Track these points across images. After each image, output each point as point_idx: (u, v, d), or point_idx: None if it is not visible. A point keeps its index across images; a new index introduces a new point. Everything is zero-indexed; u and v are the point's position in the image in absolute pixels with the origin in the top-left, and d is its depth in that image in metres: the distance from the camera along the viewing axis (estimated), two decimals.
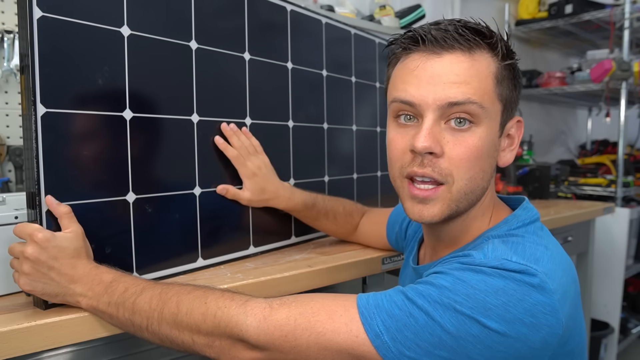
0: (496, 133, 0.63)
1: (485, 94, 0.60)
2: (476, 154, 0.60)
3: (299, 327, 0.55)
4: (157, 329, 0.61)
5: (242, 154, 0.91)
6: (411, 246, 0.82)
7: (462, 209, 0.63)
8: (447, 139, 0.60)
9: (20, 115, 0.68)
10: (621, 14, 2.29)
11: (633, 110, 3.03)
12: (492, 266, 0.54)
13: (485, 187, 0.64)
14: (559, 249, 0.62)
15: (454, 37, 0.59)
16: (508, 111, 0.64)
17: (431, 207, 0.61)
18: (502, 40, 0.62)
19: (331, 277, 0.91)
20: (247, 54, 0.95)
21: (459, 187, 0.60)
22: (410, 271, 0.77)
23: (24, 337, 0.60)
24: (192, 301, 0.60)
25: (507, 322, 0.51)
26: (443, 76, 0.59)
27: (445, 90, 0.59)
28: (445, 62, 0.59)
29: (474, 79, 0.59)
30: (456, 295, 0.52)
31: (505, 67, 0.62)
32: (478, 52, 0.60)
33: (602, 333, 2.19)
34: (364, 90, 1.28)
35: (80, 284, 0.64)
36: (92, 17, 0.70)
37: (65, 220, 0.66)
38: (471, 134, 0.60)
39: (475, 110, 0.59)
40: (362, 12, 1.92)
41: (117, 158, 0.74)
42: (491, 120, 0.61)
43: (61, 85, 0.67)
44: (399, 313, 0.53)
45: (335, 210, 1.02)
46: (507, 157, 0.66)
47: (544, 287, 0.52)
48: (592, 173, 2.66)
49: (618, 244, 2.23)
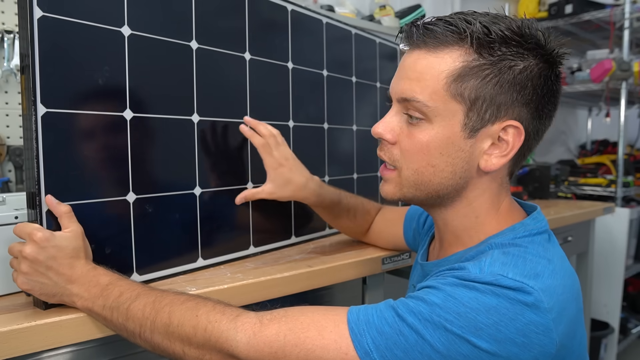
0: (456, 134, 0.60)
1: (434, 92, 0.59)
2: (421, 148, 0.62)
3: (289, 343, 0.55)
4: (149, 337, 0.61)
5: (270, 142, 0.91)
6: (424, 240, 0.82)
7: (419, 197, 0.65)
8: (402, 130, 0.64)
9: (21, 115, 0.68)
10: (621, 14, 2.29)
11: (633, 110, 3.03)
12: (486, 282, 0.52)
13: (447, 184, 0.62)
14: (563, 262, 0.60)
15: (422, 34, 0.61)
16: (482, 112, 0.59)
17: (387, 186, 0.67)
18: (478, 36, 0.57)
19: (331, 277, 0.91)
20: (248, 54, 0.95)
21: (406, 175, 0.64)
22: (418, 268, 0.76)
23: (24, 337, 0.60)
24: (184, 313, 0.60)
25: (497, 342, 0.50)
26: (406, 71, 0.62)
27: (402, 85, 0.62)
28: (412, 57, 0.62)
29: (426, 76, 0.60)
30: (447, 313, 0.51)
31: (478, 65, 0.58)
32: (445, 50, 0.59)
33: (602, 333, 2.19)
34: (365, 90, 1.28)
35: (77, 284, 0.64)
36: (92, 16, 0.70)
37: (64, 220, 0.66)
38: (420, 129, 0.61)
39: (420, 107, 0.60)
40: (362, 12, 1.92)
41: (118, 158, 0.74)
42: (444, 119, 0.60)
43: (61, 85, 0.67)
44: (389, 330, 0.52)
45: (356, 208, 1.01)
46: (492, 162, 0.61)
47: (538, 306, 0.51)
48: (592, 173, 2.66)
49: (618, 244, 2.23)
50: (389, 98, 0.67)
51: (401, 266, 1.04)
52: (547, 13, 2.58)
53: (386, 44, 1.36)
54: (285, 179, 0.92)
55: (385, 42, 1.36)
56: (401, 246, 0.98)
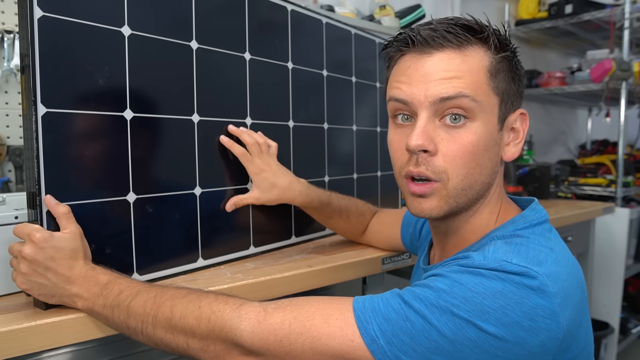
0: (494, 127, 0.62)
1: (478, 87, 0.59)
2: (471, 149, 0.60)
3: (294, 331, 0.55)
4: (151, 332, 0.61)
5: (252, 150, 0.90)
6: (424, 246, 0.82)
7: (462, 204, 0.62)
8: (442, 137, 0.60)
9: (21, 115, 0.68)
10: (621, 14, 2.29)
11: (633, 110, 3.03)
12: (491, 268, 0.53)
13: (486, 182, 0.63)
14: (565, 251, 0.60)
15: (443, 36, 0.60)
16: (507, 104, 0.63)
17: (429, 201, 0.62)
18: (495, 34, 0.62)
19: (331, 277, 0.91)
20: (248, 54, 0.95)
21: (455, 184, 0.60)
22: (420, 272, 0.76)
23: (24, 337, 0.60)
24: (186, 305, 0.60)
25: (505, 326, 0.50)
26: (434, 74, 0.59)
27: (436, 86, 0.59)
28: (436, 60, 0.60)
29: (465, 73, 0.59)
30: (453, 298, 0.51)
31: (500, 60, 0.62)
32: (470, 48, 0.60)
33: (602, 333, 2.19)
34: (365, 90, 1.28)
35: (76, 284, 0.64)
36: (93, 16, 0.70)
37: (63, 221, 0.65)
38: (466, 129, 0.60)
39: (468, 104, 0.59)
40: (362, 12, 1.92)
41: (118, 158, 0.74)
42: (487, 114, 0.60)
43: (62, 85, 0.67)
44: (396, 317, 0.52)
45: (349, 210, 1.01)
46: (512, 151, 0.65)
47: (543, 290, 0.51)
48: (592, 173, 2.66)
49: (618, 244, 2.23)
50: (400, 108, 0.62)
51: (401, 266, 1.04)
52: (547, 13, 2.58)
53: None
54: (269, 183, 0.91)
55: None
56: (398, 248, 0.99)
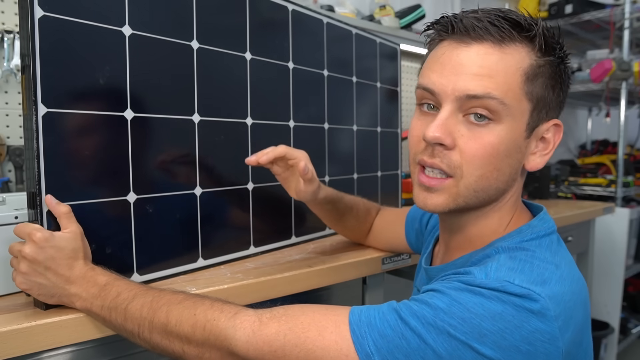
0: (521, 134, 0.59)
1: (510, 89, 0.56)
2: (490, 151, 0.57)
3: (289, 343, 0.54)
4: (148, 337, 0.61)
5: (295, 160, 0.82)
6: (428, 241, 0.80)
7: (470, 205, 0.61)
8: (462, 132, 0.58)
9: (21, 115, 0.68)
10: (621, 14, 2.29)
11: (633, 110, 3.04)
12: (492, 288, 0.51)
13: (501, 188, 0.61)
14: (571, 267, 0.59)
15: (485, 27, 0.56)
16: (540, 112, 0.59)
17: (436, 197, 0.60)
18: (544, 34, 0.58)
19: (331, 277, 0.91)
20: (249, 54, 0.95)
21: (468, 183, 0.59)
22: (422, 272, 0.75)
23: (24, 337, 0.60)
24: (182, 312, 0.60)
25: (502, 349, 0.49)
26: (467, 67, 0.57)
27: (466, 81, 0.56)
28: (472, 52, 0.57)
29: (499, 73, 0.56)
30: (451, 318, 0.50)
31: (542, 64, 0.58)
32: (511, 46, 0.57)
33: (602, 333, 2.19)
34: (365, 90, 1.28)
35: (75, 285, 0.64)
36: (93, 16, 0.70)
37: (64, 220, 0.65)
38: (489, 130, 0.57)
39: (494, 106, 0.56)
40: (362, 12, 1.92)
41: (118, 158, 0.74)
42: (514, 119, 0.57)
43: (62, 85, 0.67)
44: (391, 333, 0.51)
45: (358, 206, 0.99)
46: (537, 162, 0.62)
47: (544, 314, 0.50)
48: (592, 173, 2.67)
49: (618, 244, 2.23)
50: (427, 97, 0.60)
51: (401, 266, 1.04)
52: (547, 13, 2.58)
53: (386, 44, 1.36)
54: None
55: (386, 42, 1.36)
56: (402, 248, 0.97)
